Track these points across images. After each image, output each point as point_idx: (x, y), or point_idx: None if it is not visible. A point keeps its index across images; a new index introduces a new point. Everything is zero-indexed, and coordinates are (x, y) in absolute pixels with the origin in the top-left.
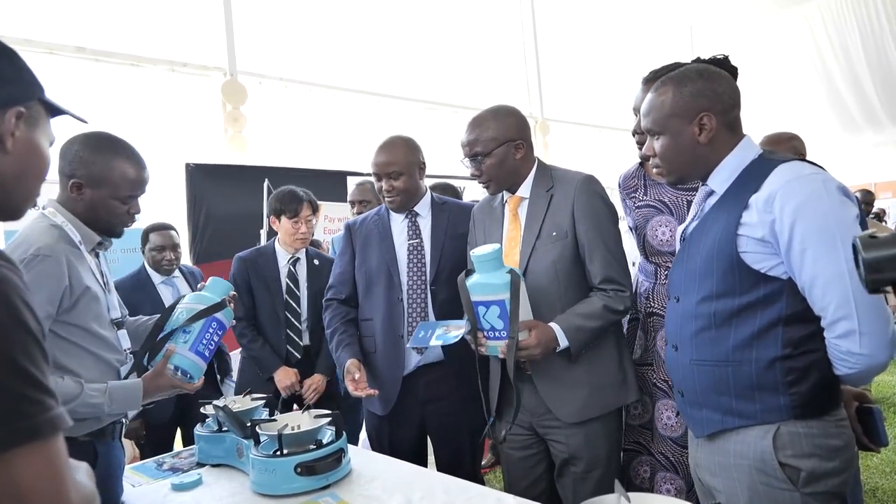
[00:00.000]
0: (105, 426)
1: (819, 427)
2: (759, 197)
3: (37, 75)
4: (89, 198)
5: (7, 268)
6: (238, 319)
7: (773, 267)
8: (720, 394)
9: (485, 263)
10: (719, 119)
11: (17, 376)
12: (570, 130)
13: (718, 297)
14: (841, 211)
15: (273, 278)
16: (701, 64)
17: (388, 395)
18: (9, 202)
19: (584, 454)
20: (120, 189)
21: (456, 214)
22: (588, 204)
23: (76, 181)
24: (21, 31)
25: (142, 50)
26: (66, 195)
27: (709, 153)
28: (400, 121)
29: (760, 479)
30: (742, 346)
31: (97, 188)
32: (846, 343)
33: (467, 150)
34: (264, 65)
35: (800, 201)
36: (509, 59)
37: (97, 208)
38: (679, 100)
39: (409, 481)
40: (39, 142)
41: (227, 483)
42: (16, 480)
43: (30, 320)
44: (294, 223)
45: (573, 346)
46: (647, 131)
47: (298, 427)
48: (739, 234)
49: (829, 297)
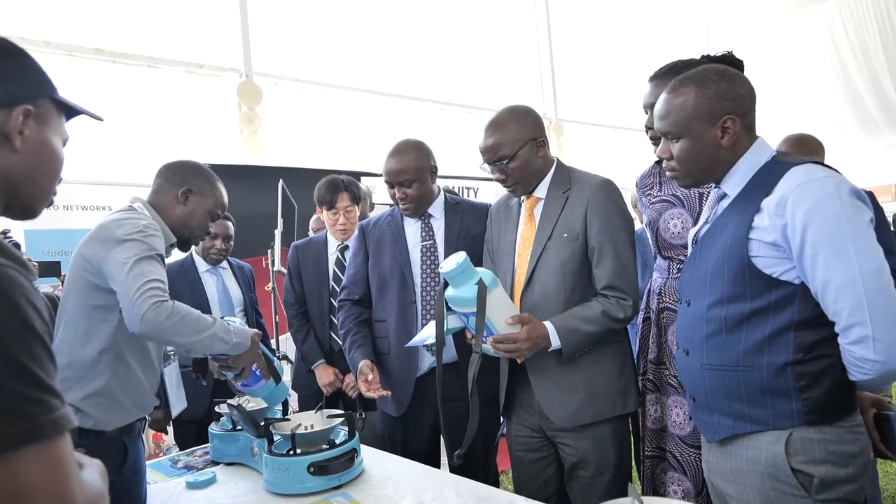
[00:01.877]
0: (133, 422)
1: (833, 433)
2: (770, 201)
3: (48, 74)
4: (192, 205)
5: (13, 268)
6: (289, 305)
7: (785, 272)
8: (731, 399)
9: (454, 278)
10: (741, 121)
11: (20, 377)
12: (585, 131)
13: (729, 302)
14: (853, 214)
15: (322, 265)
16: (716, 64)
17: (401, 397)
18: (21, 201)
19: (592, 458)
20: (216, 206)
21: (470, 215)
22: (602, 208)
23: (188, 188)
24: (41, 34)
25: (159, 51)
26: (166, 199)
27: (729, 156)
28: (414, 121)
29: (773, 486)
30: (753, 350)
31: (203, 199)
32: (860, 349)
33: (489, 155)
34: (279, 66)
35: (811, 205)
36: (523, 60)
37: (194, 216)
38: (702, 102)
39: (421, 482)
40: (51, 140)
41: (241, 482)
42: (19, 481)
43: (35, 320)
44: (332, 214)
45: (565, 348)
46: (663, 134)
47: (311, 427)
48: (751, 238)
49: (841, 303)
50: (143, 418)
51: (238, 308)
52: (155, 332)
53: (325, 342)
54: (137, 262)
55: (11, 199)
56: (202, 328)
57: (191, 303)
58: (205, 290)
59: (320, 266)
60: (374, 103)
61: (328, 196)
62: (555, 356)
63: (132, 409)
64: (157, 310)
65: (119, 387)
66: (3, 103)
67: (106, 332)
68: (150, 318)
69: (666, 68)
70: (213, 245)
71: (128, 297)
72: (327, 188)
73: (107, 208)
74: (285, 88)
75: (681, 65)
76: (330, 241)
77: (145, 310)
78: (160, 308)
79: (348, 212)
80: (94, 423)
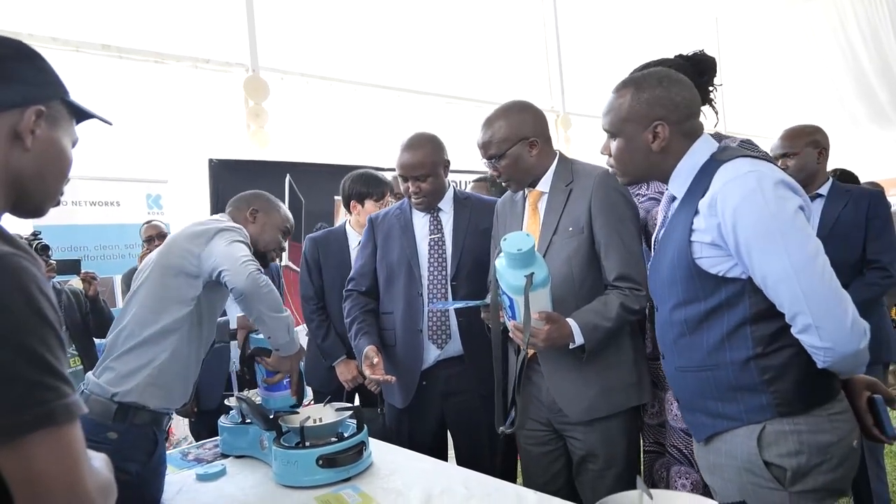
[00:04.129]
0: (163, 414)
1: (808, 423)
2: (704, 201)
3: (61, 77)
4: (262, 223)
5: (25, 258)
6: (307, 299)
7: (730, 269)
8: (706, 398)
9: (513, 258)
10: (674, 128)
11: (32, 364)
12: (593, 125)
13: (686, 304)
14: (777, 206)
15: (343, 259)
16: (663, 68)
17: (407, 388)
18: (29, 200)
19: (601, 452)
20: (284, 224)
21: (478, 210)
22: (606, 199)
23: (254, 209)
24: (48, 30)
25: (165, 47)
26: (241, 217)
27: (661, 160)
28: (421, 116)
29: (749, 479)
30: (715, 349)
31: (269, 217)
32: (807, 337)
33: (481, 151)
34: (286, 61)
35: (737, 203)
36: (531, 53)
37: (265, 232)
38: (636, 105)
39: (429, 475)
40: (61, 141)
41: (251, 474)
42: (31, 465)
43: (47, 309)
44: (380, 207)
45: (588, 345)
46: (604, 130)
47: (320, 420)
48: (693, 241)
49: (782, 295)
50: (170, 415)
51: None
52: (254, 293)
53: (347, 341)
54: (236, 242)
55: (20, 197)
56: (282, 310)
57: None
58: None
59: (343, 260)
60: (380, 98)
61: (381, 188)
62: (569, 350)
63: (174, 394)
64: (258, 276)
65: (171, 368)
66: (16, 103)
67: (176, 315)
68: (254, 278)
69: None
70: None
71: (234, 261)
72: (378, 181)
73: (114, 204)
74: (292, 83)
75: (651, 65)
76: (350, 234)
77: (251, 271)
78: (259, 276)
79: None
80: (139, 397)
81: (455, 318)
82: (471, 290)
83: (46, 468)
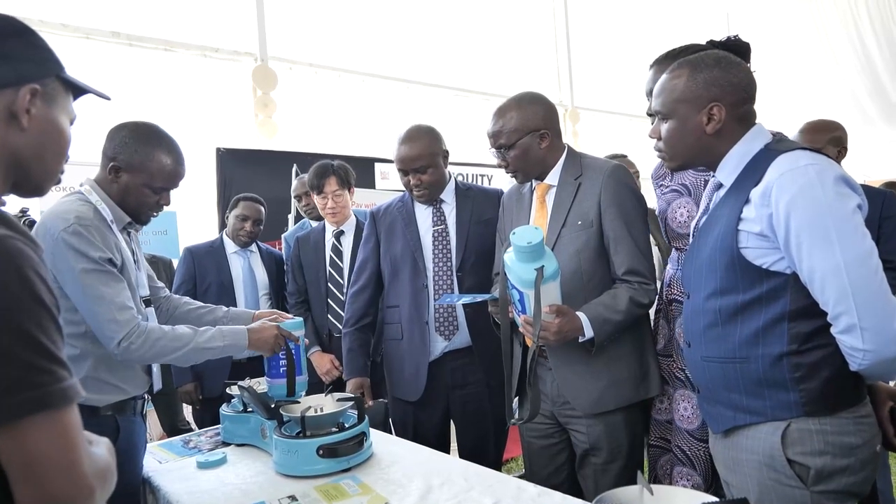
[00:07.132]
0: (126, 400)
1: (834, 424)
2: (757, 190)
3: (55, 52)
4: (124, 182)
5: (21, 241)
6: (291, 294)
7: (775, 262)
8: (731, 390)
9: (522, 252)
10: (729, 111)
11: (29, 347)
12: (601, 119)
13: (723, 294)
14: (836, 202)
15: (319, 252)
16: (720, 51)
17: (416, 382)
18: (29, 180)
19: (604, 445)
20: (154, 179)
21: (481, 200)
22: (615, 194)
23: (115, 164)
24: (58, 16)
25: (175, 35)
26: (104, 176)
27: (714, 144)
28: (429, 107)
29: (770, 476)
30: (748, 342)
31: (133, 174)
32: (849, 338)
33: (491, 141)
34: (294, 51)
35: (794, 194)
36: (540, 46)
37: (129, 193)
38: (692, 85)
39: (429, 467)
40: (58, 119)
41: (251, 463)
42: (28, 449)
43: (43, 293)
44: (322, 198)
45: (598, 338)
46: (655, 113)
47: (321, 410)
48: (740, 230)
49: (828, 292)
50: (142, 398)
51: (263, 292)
52: (136, 360)
53: (324, 328)
54: (102, 289)
55: (20, 177)
56: (180, 345)
57: (216, 282)
58: (230, 271)
59: (318, 253)
60: (389, 89)
61: (316, 181)
62: (578, 344)
63: (123, 387)
64: (129, 345)
65: (103, 368)
66: (11, 82)
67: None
68: (124, 349)
69: (665, 54)
70: (243, 227)
71: (99, 326)
72: (315, 172)
73: None
74: (300, 73)
75: (678, 50)
76: (328, 228)
77: (118, 341)
78: (130, 344)
79: (337, 196)
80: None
81: (462, 309)
82: (476, 281)
83: (42, 452)
